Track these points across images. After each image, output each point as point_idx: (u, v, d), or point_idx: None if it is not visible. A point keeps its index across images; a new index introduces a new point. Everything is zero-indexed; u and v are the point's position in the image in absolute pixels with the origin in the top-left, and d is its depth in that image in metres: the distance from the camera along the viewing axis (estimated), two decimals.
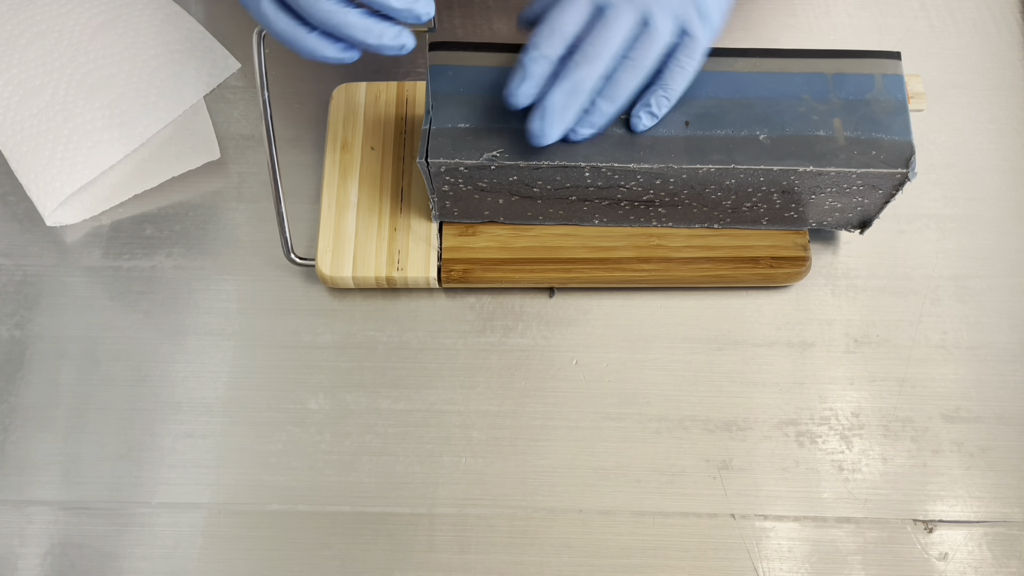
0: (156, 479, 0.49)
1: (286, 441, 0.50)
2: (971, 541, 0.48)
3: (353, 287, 0.52)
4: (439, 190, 0.48)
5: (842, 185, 0.47)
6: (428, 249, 0.51)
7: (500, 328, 0.52)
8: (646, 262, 0.51)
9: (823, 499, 0.49)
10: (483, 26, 0.59)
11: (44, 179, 0.52)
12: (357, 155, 0.53)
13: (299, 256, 0.52)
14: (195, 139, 0.55)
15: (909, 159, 0.45)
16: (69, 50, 0.54)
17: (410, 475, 0.49)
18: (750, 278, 0.51)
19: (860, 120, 0.46)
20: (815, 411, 0.51)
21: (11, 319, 0.52)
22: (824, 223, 0.51)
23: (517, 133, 0.46)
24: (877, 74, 0.47)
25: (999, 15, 0.60)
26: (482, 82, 0.47)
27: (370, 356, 0.52)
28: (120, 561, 0.48)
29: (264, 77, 0.48)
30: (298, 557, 0.48)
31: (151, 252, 0.54)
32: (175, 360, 0.52)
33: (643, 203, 0.49)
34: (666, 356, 0.52)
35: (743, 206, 0.49)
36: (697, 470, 0.49)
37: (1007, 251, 0.54)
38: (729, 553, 0.48)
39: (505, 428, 0.50)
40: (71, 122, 0.53)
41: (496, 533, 0.48)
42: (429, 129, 0.46)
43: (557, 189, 0.48)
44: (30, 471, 0.49)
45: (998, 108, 0.57)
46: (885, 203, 0.49)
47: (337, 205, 0.52)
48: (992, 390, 0.51)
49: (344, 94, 0.55)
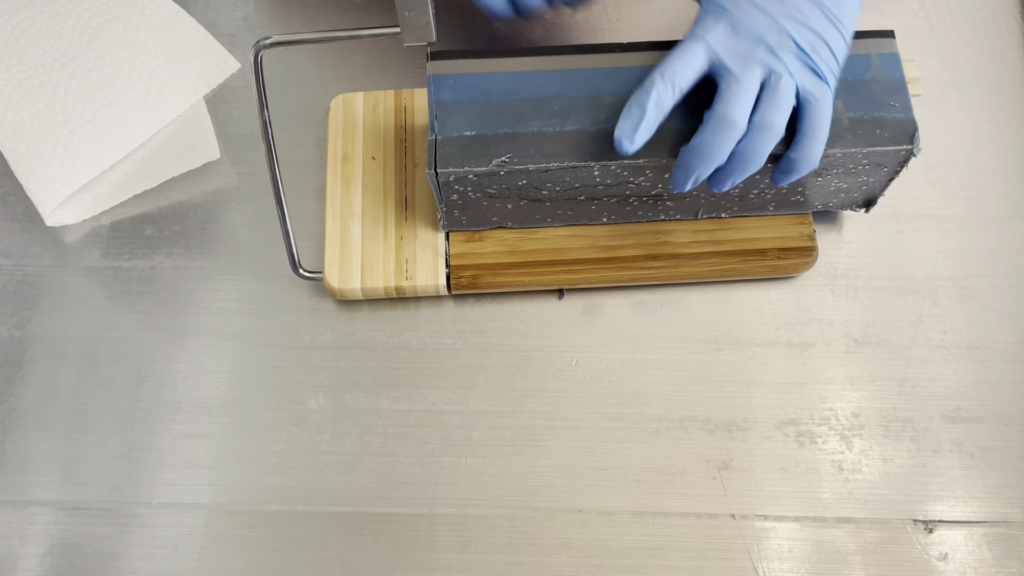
0: (156, 479, 0.49)
1: (286, 441, 0.50)
2: (971, 541, 0.48)
3: (362, 299, 0.52)
4: (448, 199, 0.48)
5: (848, 165, 0.47)
6: (436, 257, 0.51)
7: (500, 328, 0.52)
8: (654, 259, 0.51)
9: (823, 499, 0.49)
10: (483, 26, 0.59)
11: (44, 179, 0.52)
12: (359, 166, 0.53)
13: (307, 270, 0.52)
14: (195, 139, 0.55)
15: (913, 135, 0.46)
16: (69, 50, 0.54)
17: (410, 475, 0.49)
18: (758, 270, 0.51)
19: (862, 100, 0.46)
20: (815, 411, 0.51)
21: (11, 319, 0.52)
22: (830, 204, 0.52)
23: (524, 137, 0.46)
24: (873, 54, 0.47)
25: (999, 15, 0.60)
26: (483, 89, 0.47)
27: (370, 356, 0.52)
28: (120, 561, 0.48)
29: (264, 96, 0.47)
30: (298, 557, 0.48)
31: (151, 252, 0.54)
32: (175, 360, 0.52)
33: (651, 197, 0.49)
34: (666, 356, 0.52)
35: (750, 193, 0.49)
36: (697, 470, 0.49)
37: (1007, 251, 0.54)
38: (729, 553, 0.48)
39: (505, 428, 0.50)
40: (71, 122, 0.53)
41: (496, 533, 0.48)
42: (436, 140, 0.46)
43: (566, 190, 0.48)
44: (30, 471, 0.49)
45: (998, 108, 0.57)
46: (890, 180, 0.49)
47: (342, 217, 0.52)
48: (992, 390, 0.51)
49: (342, 105, 0.54)
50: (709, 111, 0.42)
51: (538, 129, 0.46)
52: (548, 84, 0.47)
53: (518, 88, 0.47)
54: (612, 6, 0.60)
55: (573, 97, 0.47)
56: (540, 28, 0.59)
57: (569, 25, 0.60)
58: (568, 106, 0.46)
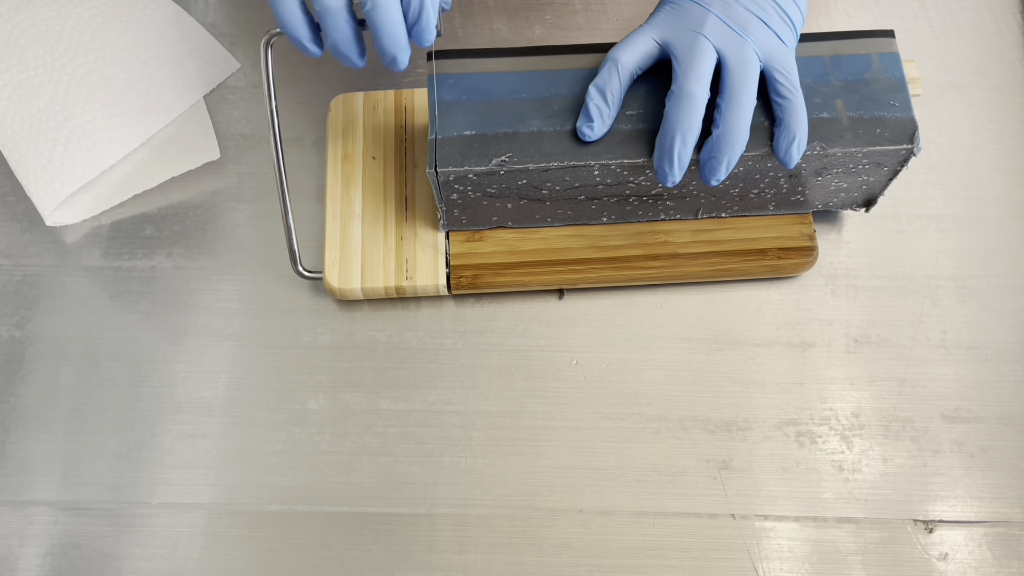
0: (156, 479, 0.49)
1: (286, 441, 0.50)
2: (971, 541, 0.48)
3: (362, 298, 0.52)
4: (447, 199, 0.48)
5: (848, 165, 0.47)
6: (436, 256, 0.51)
7: (500, 328, 0.52)
8: (654, 259, 0.51)
9: (823, 499, 0.49)
10: (483, 26, 0.59)
11: (44, 179, 0.52)
12: (359, 165, 0.53)
13: (307, 269, 0.52)
14: (195, 139, 0.55)
15: (913, 134, 0.46)
16: (69, 50, 0.54)
17: (410, 475, 0.49)
18: (758, 270, 0.51)
19: (861, 100, 0.47)
20: (815, 411, 0.51)
21: (11, 319, 0.52)
22: (830, 204, 0.52)
23: (523, 137, 0.46)
24: (873, 53, 0.48)
25: (999, 15, 0.60)
26: (483, 88, 0.47)
27: (370, 356, 0.52)
28: (120, 561, 0.48)
29: (272, 90, 0.47)
30: (298, 557, 0.48)
31: (151, 252, 0.54)
32: (175, 360, 0.52)
33: (651, 197, 0.49)
34: (666, 356, 0.52)
35: (750, 193, 0.49)
36: (697, 470, 0.49)
37: (1007, 251, 0.54)
38: (729, 553, 0.48)
39: (505, 428, 0.50)
40: (71, 122, 0.53)
41: (496, 533, 0.48)
42: (435, 139, 0.46)
43: (566, 190, 0.48)
44: (30, 471, 0.49)
45: (998, 108, 0.57)
46: (890, 180, 0.49)
47: (342, 217, 0.52)
48: (992, 390, 0.51)
49: (342, 105, 0.54)
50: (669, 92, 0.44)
51: (538, 129, 0.46)
52: (548, 84, 0.47)
53: (518, 88, 0.47)
54: (612, 6, 0.60)
55: (573, 97, 0.47)
56: (540, 28, 0.59)
57: (569, 25, 0.60)
58: (568, 106, 0.47)
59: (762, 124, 0.46)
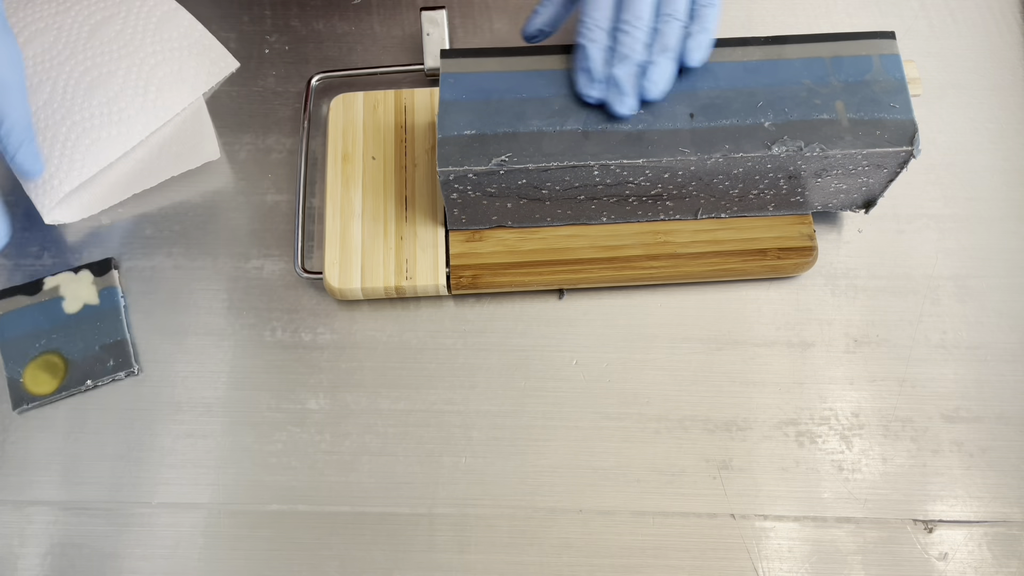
0: (156, 479, 0.49)
1: (286, 441, 0.50)
2: (971, 541, 0.48)
3: (362, 298, 0.52)
4: (448, 198, 0.48)
5: (848, 166, 0.47)
6: (436, 256, 0.51)
7: (500, 328, 0.52)
8: (655, 259, 0.51)
9: (823, 499, 0.49)
10: (483, 26, 0.59)
11: (43, 177, 0.52)
12: (359, 165, 0.53)
13: (307, 269, 0.52)
14: (195, 139, 0.55)
15: (913, 136, 0.46)
16: (67, 48, 0.54)
17: (410, 475, 0.49)
18: (758, 270, 0.51)
19: (862, 101, 0.47)
20: (815, 411, 0.51)
21: None
22: (829, 205, 0.52)
23: (523, 137, 0.46)
24: (874, 55, 0.48)
25: (999, 15, 0.60)
26: (484, 88, 0.47)
27: (370, 356, 0.52)
28: (120, 561, 0.48)
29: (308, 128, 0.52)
30: (298, 557, 0.48)
31: (151, 252, 0.54)
32: (175, 360, 0.52)
33: (651, 197, 0.49)
34: (666, 356, 0.52)
35: (750, 194, 0.49)
36: (697, 470, 0.49)
37: (1007, 251, 0.54)
38: (729, 553, 0.48)
39: (505, 428, 0.50)
40: (69, 120, 0.53)
41: (496, 533, 0.48)
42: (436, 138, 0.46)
43: (566, 190, 0.48)
44: (30, 471, 0.49)
45: (998, 108, 0.57)
46: (889, 181, 0.49)
47: (342, 216, 0.52)
48: (992, 390, 0.51)
49: (342, 104, 0.54)
50: None
51: (538, 128, 0.46)
52: (548, 84, 0.47)
53: (518, 88, 0.47)
54: None
55: (573, 97, 0.47)
56: None
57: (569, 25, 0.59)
58: (568, 106, 0.47)
59: (760, 126, 0.46)
